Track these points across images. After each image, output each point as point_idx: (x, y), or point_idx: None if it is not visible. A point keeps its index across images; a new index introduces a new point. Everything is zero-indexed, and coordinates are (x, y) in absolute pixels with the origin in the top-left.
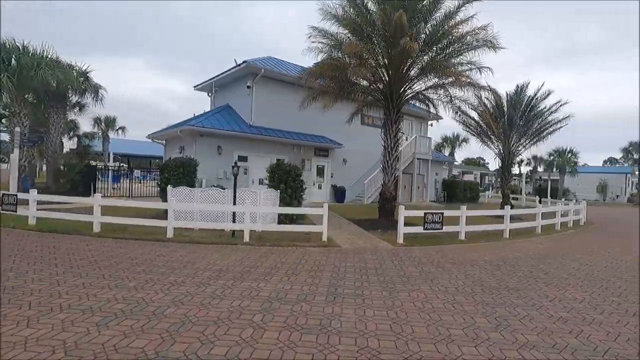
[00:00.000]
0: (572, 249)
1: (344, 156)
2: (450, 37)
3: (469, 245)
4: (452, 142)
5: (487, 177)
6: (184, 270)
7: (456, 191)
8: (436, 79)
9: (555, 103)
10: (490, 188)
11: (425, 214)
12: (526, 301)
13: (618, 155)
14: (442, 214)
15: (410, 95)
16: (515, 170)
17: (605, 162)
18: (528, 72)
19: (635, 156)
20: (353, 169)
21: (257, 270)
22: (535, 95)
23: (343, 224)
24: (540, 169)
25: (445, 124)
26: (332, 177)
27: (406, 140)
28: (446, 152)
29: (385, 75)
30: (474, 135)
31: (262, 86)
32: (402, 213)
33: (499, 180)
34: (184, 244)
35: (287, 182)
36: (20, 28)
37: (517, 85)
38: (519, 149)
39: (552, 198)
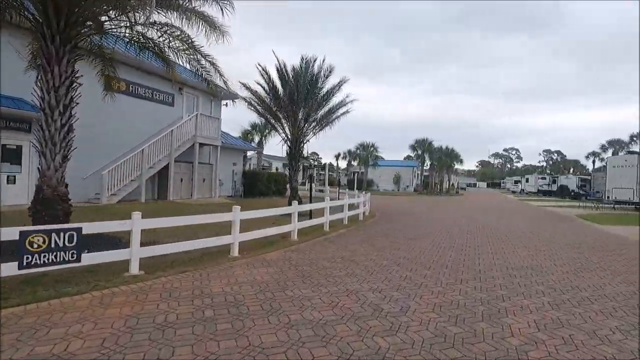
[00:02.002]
0: (299, 282)
1: None
2: None
3: (126, 290)
4: (262, 129)
5: (308, 170)
6: None
7: (258, 184)
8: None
9: (339, 82)
10: (310, 181)
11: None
12: None
13: (412, 153)
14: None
15: (101, 21)
16: (335, 163)
17: (405, 157)
18: (349, 81)
19: (419, 152)
20: (90, 155)
21: None
22: (320, 72)
23: None
24: (354, 162)
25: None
26: None
27: (188, 117)
28: (256, 140)
29: None
30: (255, 112)
31: None
32: None
33: (317, 171)
34: None
35: None
36: None
37: (302, 58)
38: (308, 133)
39: (358, 190)
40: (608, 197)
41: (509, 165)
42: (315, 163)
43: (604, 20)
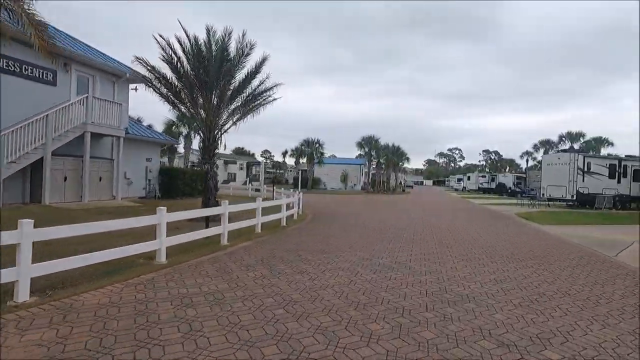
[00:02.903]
0: None
1: None
2: None
3: None
4: (190, 121)
5: (254, 167)
6: None
7: (178, 183)
8: None
9: (261, 61)
10: (255, 178)
11: None
12: None
13: (359, 150)
14: None
15: None
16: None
17: (357, 156)
18: (302, 80)
19: (366, 149)
20: None
21: None
22: (239, 47)
23: None
24: (302, 160)
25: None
26: None
27: (76, 100)
28: (184, 133)
29: None
30: (157, 94)
31: None
32: None
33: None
34: None
35: None
36: None
37: (207, 29)
38: (227, 121)
39: (304, 188)
40: (543, 194)
41: (452, 164)
42: (265, 162)
43: (536, 31)
